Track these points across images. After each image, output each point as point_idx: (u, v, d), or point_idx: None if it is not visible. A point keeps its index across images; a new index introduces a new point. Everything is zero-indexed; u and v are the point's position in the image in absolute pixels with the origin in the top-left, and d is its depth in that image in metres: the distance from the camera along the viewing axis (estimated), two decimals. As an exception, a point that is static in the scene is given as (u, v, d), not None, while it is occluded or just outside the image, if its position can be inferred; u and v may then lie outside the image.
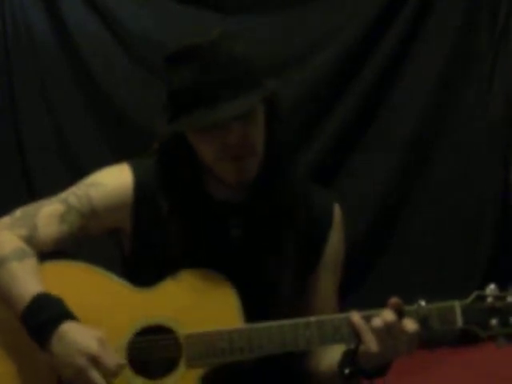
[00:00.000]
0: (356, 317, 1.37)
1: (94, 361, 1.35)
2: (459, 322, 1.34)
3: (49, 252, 1.54)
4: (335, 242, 1.58)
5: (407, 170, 2.94)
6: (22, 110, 3.06)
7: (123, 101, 3.01)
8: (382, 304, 1.38)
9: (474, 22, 2.87)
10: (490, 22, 2.86)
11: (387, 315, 1.33)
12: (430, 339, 1.40)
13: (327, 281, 1.59)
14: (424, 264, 2.87)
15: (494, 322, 1.32)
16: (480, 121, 2.87)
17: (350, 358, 1.42)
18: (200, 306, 1.47)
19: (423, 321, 1.34)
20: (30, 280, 1.45)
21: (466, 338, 2.56)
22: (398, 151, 2.93)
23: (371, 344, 1.34)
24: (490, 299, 1.34)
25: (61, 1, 3.00)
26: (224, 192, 1.53)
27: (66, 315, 1.41)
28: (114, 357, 1.38)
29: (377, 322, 1.34)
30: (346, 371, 1.42)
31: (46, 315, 1.39)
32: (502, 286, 1.37)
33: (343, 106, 2.93)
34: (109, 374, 1.36)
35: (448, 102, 2.91)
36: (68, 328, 1.38)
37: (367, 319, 1.36)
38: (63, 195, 1.55)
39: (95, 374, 1.35)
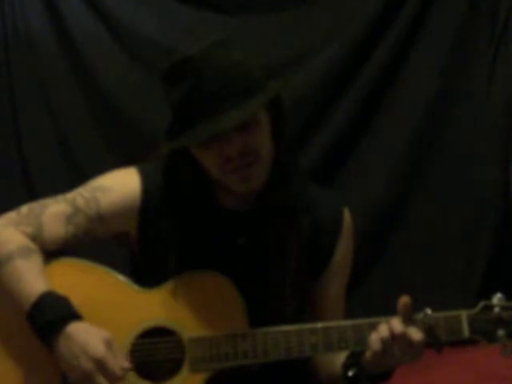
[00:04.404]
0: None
1: (101, 365, 1.35)
2: (465, 331, 1.34)
3: (54, 251, 1.53)
4: (344, 247, 1.56)
5: (407, 170, 2.94)
6: (22, 110, 3.05)
7: (123, 101, 2.99)
8: (381, 303, 1.38)
9: (474, 21, 2.87)
10: (490, 22, 2.86)
11: (394, 325, 1.33)
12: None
13: (335, 286, 1.58)
14: (424, 264, 2.87)
15: (500, 332, 1.32)
16: (480, 121, 2.87)
17: (355, 360, 1.42)
18: (204, 308, 1.46)
19: (429, 330, 1.34)
20: (35, 278, 1.44)
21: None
22: (398, 151, 2.93)
23: (377, 352, 1.34)
24: (496, 309, 1.33)
25: (61, 1, 2.99)
26: (232, 201, 1.52)
27: (73, 315, 1.40)
28: (121, 360, 1.37)
29: (383, 330, 1.34)
30: (350, 373, 1.42)
31: (52, 314, 1.39)
32: (502, 287, 1.37)
33: (343, 106, 2.92)
34: (114, 378, 1.36)
35: (448, 102, 2.91)
36: (75, 328, 1.38)
37: (373, 326, 1.36)
38: (70, 196, 1.54)
39: (101, 380, 1.35)
